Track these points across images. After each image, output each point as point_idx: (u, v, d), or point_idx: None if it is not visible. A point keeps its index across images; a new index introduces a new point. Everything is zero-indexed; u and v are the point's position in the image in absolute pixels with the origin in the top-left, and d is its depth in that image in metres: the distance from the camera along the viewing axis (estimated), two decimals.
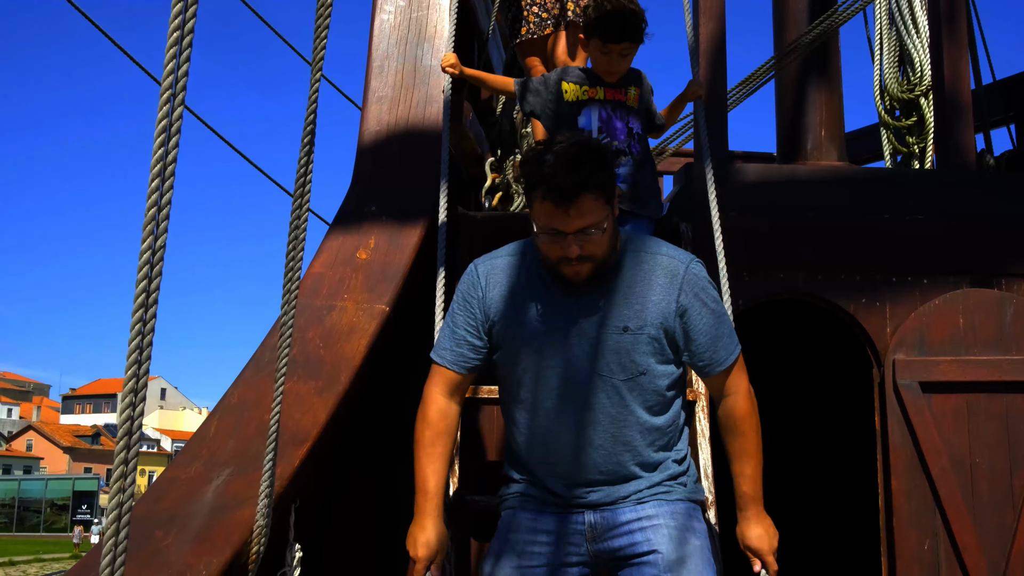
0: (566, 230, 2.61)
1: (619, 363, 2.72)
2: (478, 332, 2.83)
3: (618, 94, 4.00)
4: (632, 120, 4.01)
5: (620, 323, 2.72)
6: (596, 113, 3.97)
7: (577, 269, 2.68)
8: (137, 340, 1.99)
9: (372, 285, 3.82)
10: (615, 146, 3.95)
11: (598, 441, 2.73)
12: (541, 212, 2.62)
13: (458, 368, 2.85)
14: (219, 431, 3.29)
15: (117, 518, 2.07)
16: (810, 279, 4.54)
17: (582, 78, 4.02)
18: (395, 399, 4.16)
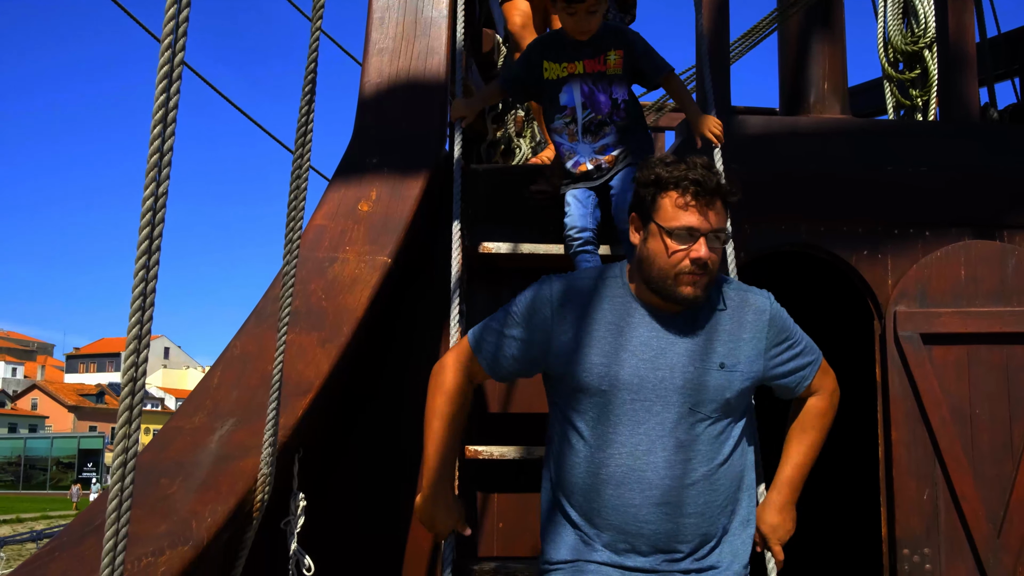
0: (703, 228, 2.54)
1: (713, 401, 2.63)
2: (528, 352, 2.72)
3: (597, 64, 3.92)
4: (616, 88, 3.93)
5: (716, 359, 2.63)
6: (578, 89, 3.93)
7: (698, 280, 2.57)
8: (141, 279, 2.00)
9: (374, 237, 3.82)
10: (598, 120, 3.92)
11: (690, 479, 2.60)
12: (674, 210, 2.54)
13: (489, 369, 2.79)
14: (222, 382, 3.31)
15: (123, 464, 2.08)
16: (812, 231, 4.54)
17: (559, 52, 3.95)
18: (397, 349, 4.18)
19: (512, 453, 3.71)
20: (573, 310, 2.68)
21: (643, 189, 2.62)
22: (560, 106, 3.96)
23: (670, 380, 2.60)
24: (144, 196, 2.06)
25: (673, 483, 2.58)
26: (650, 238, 2.60)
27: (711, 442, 2.63)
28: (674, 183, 2.55)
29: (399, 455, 4.10)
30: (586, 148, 3.93)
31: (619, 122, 3.92)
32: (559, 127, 3.97)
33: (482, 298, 4.23)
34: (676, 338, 2.64)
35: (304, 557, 3.19)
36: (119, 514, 2.09)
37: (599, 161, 3.93)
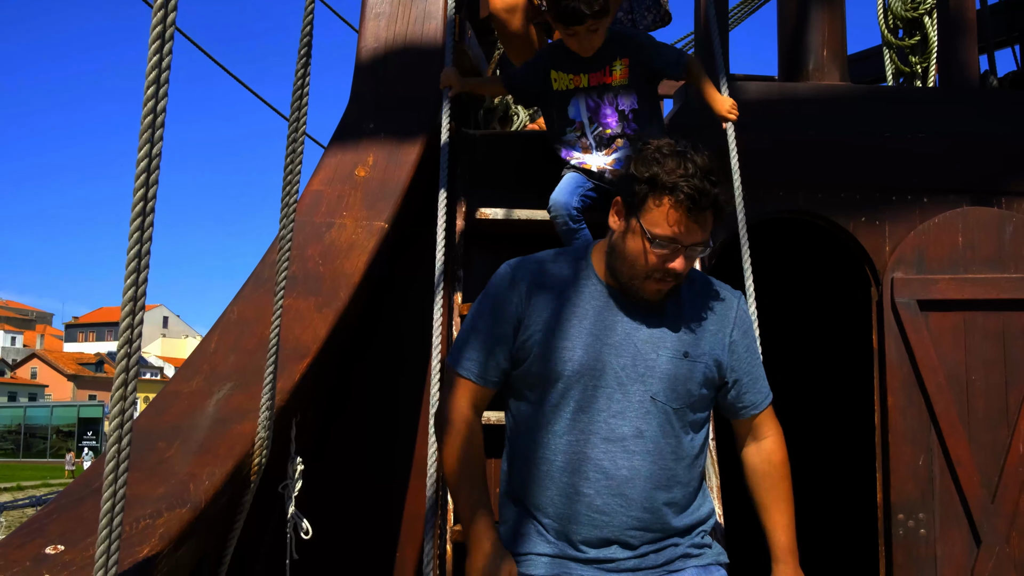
0: (686, 241, 2.44)
1: (675, 390, 2.53)
2: (509, 342, 2.56)
3: (602, 77, 3.86)
4: (622, 99, 3.87)
5: (680, 348, 2.55)
6: (583, 104, 3.88)
7: (662, 287, 2.50)
8: (137, 231, 2.00)
9: (371, 202, 3.82)
10: (608, 134, 3.86)
11: (646, 471, 2.50)
12: (663, 218, 2.42)
13: (484, 382, 2.59)
14: (220, 347, 3.31)
15: (120, 425, 2.09)
16: (810, 197, 4.53)
17: (565, 63, 3.88)
18: (393, 315, 4.19)
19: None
20: (539, 293, 2.57)
21: (636, 182, 2.46)
22: (568, 119, 3.91)
23: (631, 367, 2.51)
24: (138, 158, 2.05)
25: (631, 474, 2.48)
26: (629, 234, 2.48)
27: (672, 435, 2.54)
28: (670, 189, 2.40)
29: (395, 419, 4.12)
30: (598, 159, 3.90)
31: (630, 134, 3.86)
32: (571, 140, 3.93)
33: (480, 263, 4.23)
34: (640, 325, 2.55)
35: (302, 520, 3.21)
36: (116, 476, 2.10)
37: (606, 170, 3.88)
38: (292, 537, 3.22)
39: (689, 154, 2.44)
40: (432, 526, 3.31)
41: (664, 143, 2.47)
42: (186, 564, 2.73)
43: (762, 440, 2.73)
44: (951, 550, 4.31)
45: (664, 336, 2.55)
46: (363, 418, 4.11)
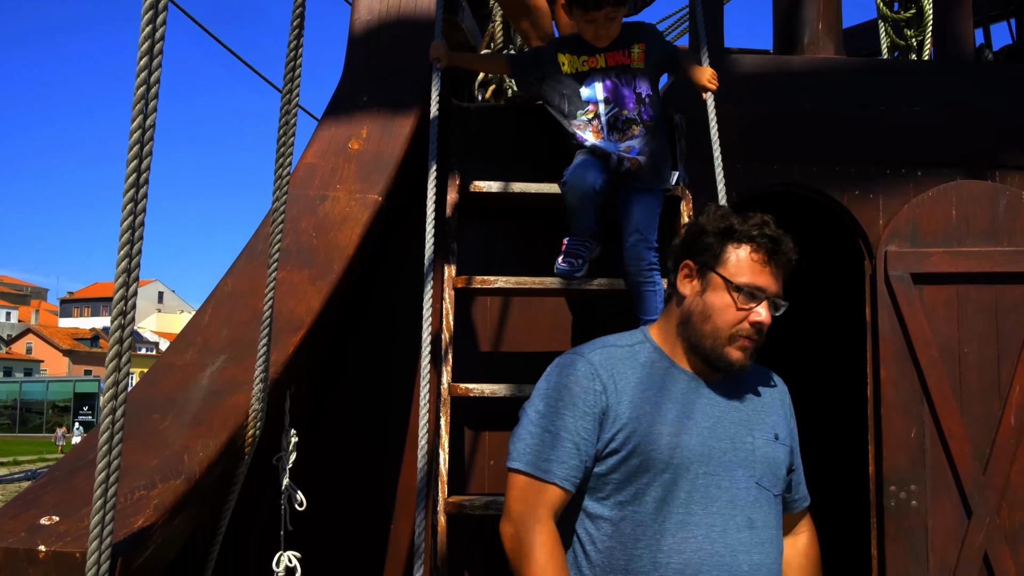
0: (769, 291, 2.37)
1: (774, 474, 2.41)
2: (594, 438, 2.31)
3: (621, 57, 3.82)
4: (640, 83, 3.85)
5: (770, 430, 2.43)
6: (600, 84, 3.82)
7: (748, 346, 2.37)
8: (130, 201, 2.00)
9: (365, 175, 3.81)
10: (625, 116, 3.81)
11: (765, 565, 2.32)
12: (746, 266, 2.35)
13: (569, 485, 2.30)
14: (213, 319, 3.32)
15: (114, 396, 2.10)
16: (804, 170, 4.53)
17: (578, 47, 3.84)
18: (386, 287, 4.19)
19: (503, 391, 3.73)
20: (621, 381, 2.35)
21: (709, 236, 2.38)
22: (582, 102, 3.84)
23: (732, 452, 2.34)
24: (131, 130, 2.05)
25: (750, 570, 2.29)
26: (710, 291, 2.36)
27: (774, 523, 2.40)
28: (749, 237, 2.35)
29: (388, 391, 4.13)
30: (611, 146, 3.83)
31: (647, 121, 3.83)
32: (581, 124, 3.85)
33: (474, 237, 4.23)
34: (726, 406, 2.40)
35: (296, 492, 3.23)
36: (110, 447, 2.11)
37: (623, 158, 3.81)
38: (286, 509, 3.23)
39: (758, 214, 2.42)
40: (425, 498, 3.32)
41: (723, 206, 2.49)
42: (181, 535, 2.74)
43: (799, 535, 2.63)
44: (942, 521, 4.34)
45: (751, 417, 2.43)
46: (356, 391, 4.12)
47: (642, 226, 3.82)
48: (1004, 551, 4.29)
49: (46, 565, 2.23)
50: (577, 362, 2.38)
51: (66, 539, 2.29)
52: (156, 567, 2.60)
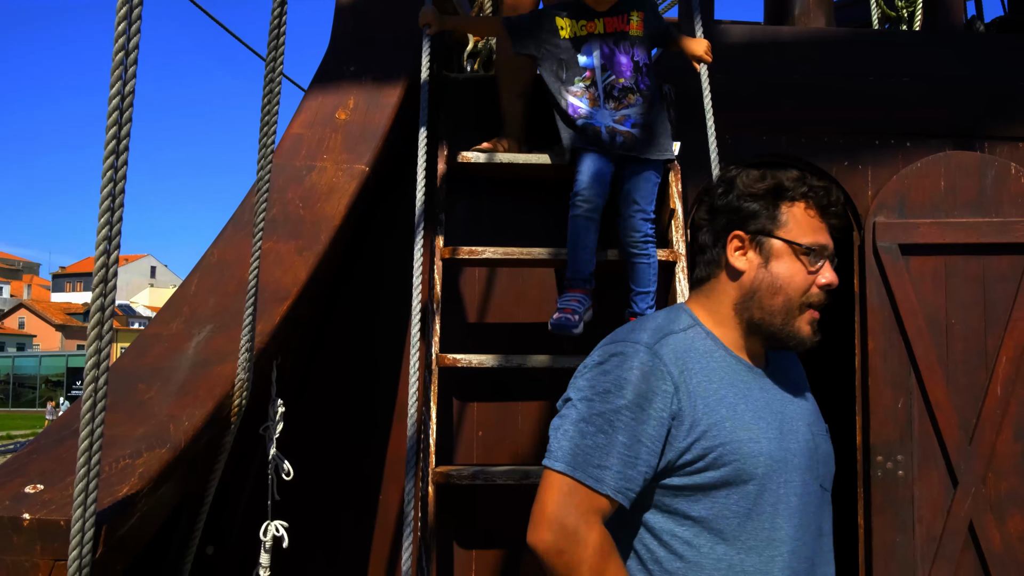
0: (830, 245, 2.13)
1: (830, 473, 2.19)
2: (659, 448, 1.95)
3: (619, 23, 3.78)
4: (638, 51, 3.81)
5: (820, 420, 2.21)
6: (597, 50, 3.78)
7: (817, 316, 2.14)
8: (110, 170, 1.99)
9: (352, 145, 3.80)
10: (621, 84, 3.77)
11: (831, 573, 2.13)
12: (806, 224, 2.10)
13: (624, 499, 1.94)
14: (199, 289, 3.31)
15: (96, 364, 2.10)
16: (793, 141, 4.52)
17: (577, 10, 3.79)
18: (374, 258, 4.18)
19: (491, 361, 3.73)
20: (691, 375, 2.01)
21: (754, 201, 2.11)
22: (579, 67, 3.80)
23: (800, 453, 2.07)
24: (110, 95, 2.04)
25: None
26: (774, 260, 2.09)
27: (832, 528, 2.17)
28: (801, 194, 2.10)
29: (374, 362, 4.13)
30: (606, 115, 3.78)
31: (644, 91, 3.80)
32: (578, 91, 3.80)
33: (462, 208, 4.22)
34: (784, 398, 2.14)
35: (283, 462, 3.24)
36: (93, 415, 2.11)
37: (615, 133, 3.78)
38: (273, 478, 3.24)
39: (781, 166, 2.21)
40: (414, 468, 3.33)
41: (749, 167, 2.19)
42: (167, 504, 2.75)
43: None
44: (928, 491, 4.36)
45: (804, 408, 2.19)
46: (342, 361, 4.12)
47: (640, 198, 3.81)
48: (989, 520, 4.32)
49: (30, 533, 2.24)
50: (640, 354, 1.98)
51: (50, 507, 2.30)
52: (142, 536, 2.61)
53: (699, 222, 2.21)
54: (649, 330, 2.05)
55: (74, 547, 2.11)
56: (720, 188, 2.18)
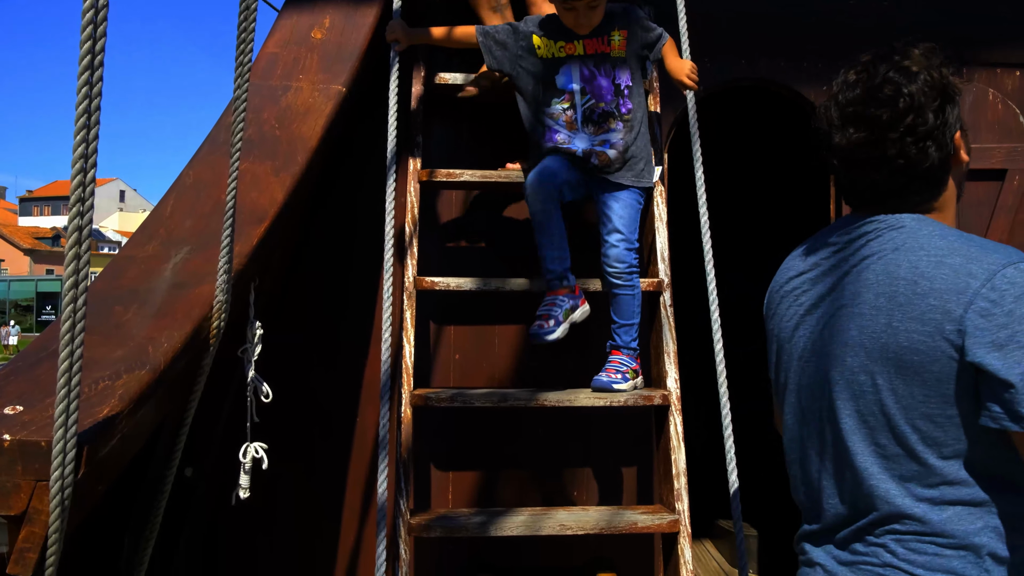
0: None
1: None
2: None
3: (600, 45, 3.61)
4: (620, 73, 3.64)
5: None
6: (577, 72, 3.62)
7: None
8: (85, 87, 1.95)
9: (328, 65, 3.74)
10: (601, 109, 3.61)
11: None
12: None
13: None
14: (175, 210, 3.28)
15: (75, 284, 2.07)
16: (772, 65, 4.49)
17: (556, 30, 3.62)
18: (351, 180, 4.15)
19: (468, 284, 3.73)
20: None
21: (950, 100, 1.90)
22: (557, 89, 3.64)
23: None
24: (84, 8, 1.99)
25: None
26: (962, 159, 1.97)
27: None
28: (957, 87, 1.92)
29: (350, 283, 4.12)
30: (584, 139, 3.63)
31: (626, 115, 3.63)
32: (555, 112, 3.64)
33: (440, 131, 4.18)
34: None
35: (262, 384, 3.24)
36: (72, 336, 2.10)
37: (592, 153, 3.63)
38: (252, 401, 3.25)
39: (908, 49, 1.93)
40: (389, 390, 3.34)
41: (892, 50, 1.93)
42: (147, 426, 2.75)
43: None
44: None
45: None
46: (319, 283, 4.11)
47: (623, 226, 3.64)
48: None
49: (11, 454, 2.23)
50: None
51: (31, 428, 2.29)
52: (122, 457, 2.61)
53: (901, 132, 1.86)
54: (1003, 247, 1.82)
55: (56, 467, 2.10)
56: (918, 87, 1.88)
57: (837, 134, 1.93)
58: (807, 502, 1.98)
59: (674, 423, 3.59)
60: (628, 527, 3.45)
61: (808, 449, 1.96)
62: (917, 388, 1.76)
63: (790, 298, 2.05)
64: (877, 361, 1.79)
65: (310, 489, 4.06)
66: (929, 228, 1.85)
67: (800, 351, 1.98)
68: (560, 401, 3.54)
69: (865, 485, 1.81)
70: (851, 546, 1.86)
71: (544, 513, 3.57)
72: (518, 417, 4.05)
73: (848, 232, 1.95)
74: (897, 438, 1.78)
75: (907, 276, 1.79)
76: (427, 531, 3.40)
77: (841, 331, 1.87)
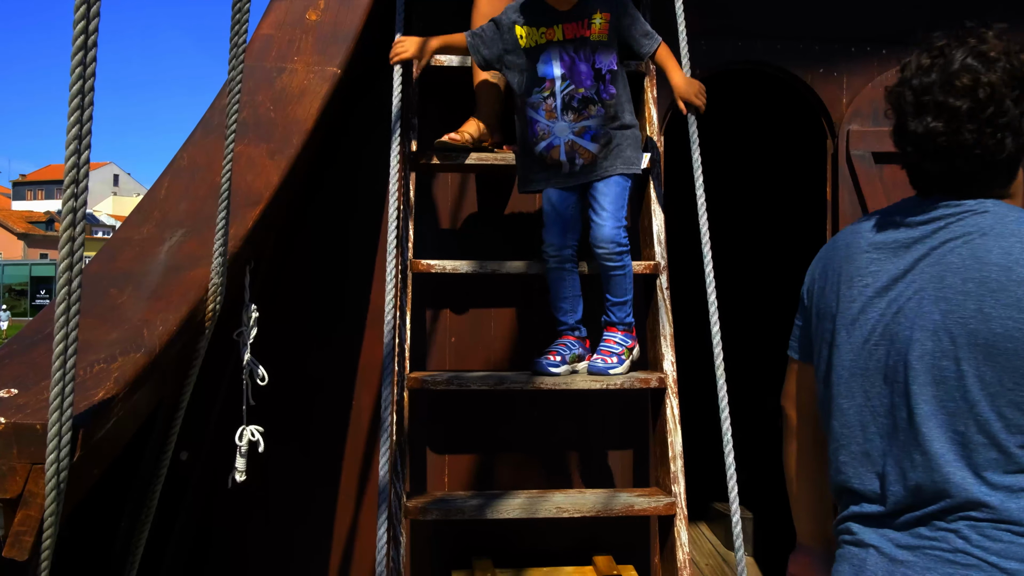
0: None
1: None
2: None
3: (580, 29, 3.51)
4: (600, 57, 3.53)
5: None
6: (557, 58, 3.52)
7: None
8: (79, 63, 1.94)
9: (323, 47, 3.71)
10: (581, 95, 3.52)
11: None
12: None
13: None
14: (170, 193, 3.26)
15: (69, 267, 2.06)
16: (768, 47, 4.47)
17: (537, 17, 3.53)
18: (347, 163, 4.14)
19: (465, 267, 3.72)
20: None
21: None
22: (539, 78, 3.56)
23: None
24: (76, 5, 1.97)
25: None
26: None
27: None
28: None
29: (345, 267, 4.11)
30: (564, 128, 3.55)
31: (607, 100, 3.54)
32: (536, 101, 3.57)
33: (434, 112, 4.16)
34: None
35: (258, 367, 3.23)
36: (68, 318, 2.08)
37: (575, 150, 3.56)
38: (248, 384, 3.24)
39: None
40: (391, 372, 3.33)
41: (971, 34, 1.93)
42: (142, 409, 2.74)
43: None
44: None
45: None
46: (315, 266, 4.11)
47: (610, 205, 3.58)
48: None
49: (7, 437, 2.22)
50: None
51: (26, 411, 2.27)
52: (118, 440, 2.60)
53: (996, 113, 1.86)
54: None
55: (51, 450, 2.09)
56: (1006, 73, 1.89)
57: (912, 121, 1.92)
58: (862, 485, 1.95)
59: (671, 406, 3.59)
60: (624, 509, 3.46)
61: (870, 433, 1.93)
62: (1008, 375, 1.75)
63: (853, 279, 2.01)
64: (964, 347, 1.78)
65: (306, 472, 4.06)
66: (1016, 214, 1.84)
67: (867, 333, 1.94)
68: (556, 384, 3.54)
69: (939, 472, 1.79)
70: (915, 530, 1.84)
71: (540, 496, 3.57)
72: (514, 400, 4.05)
73: (922, 214, 1.93)
74: (979, 425, 1.77)
75: (1000, 262, 1.78)
76: (424, 514, 3.40)
77: (921, 315, 1.84)
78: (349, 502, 4.06)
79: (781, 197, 6.79)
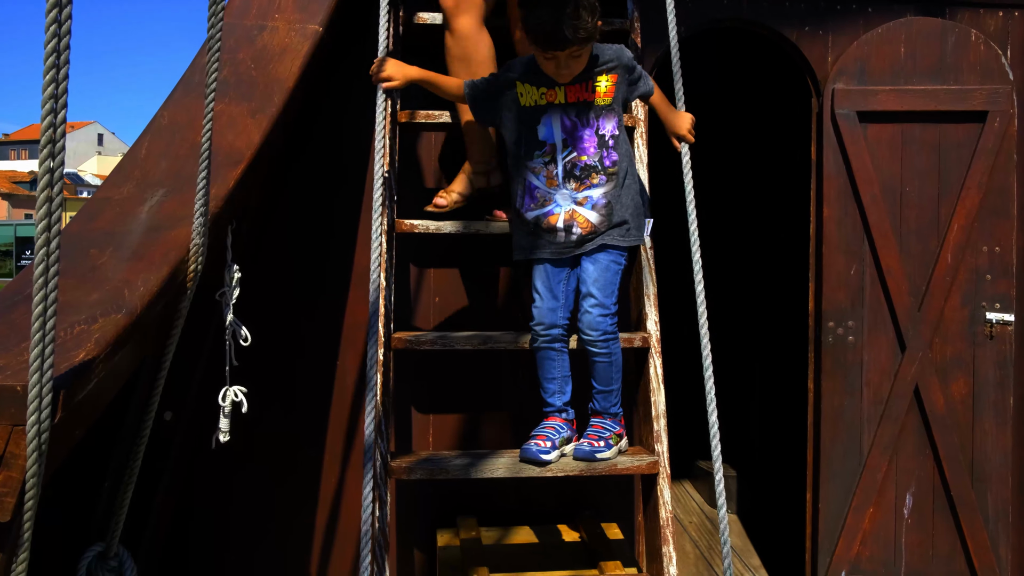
0: None
1: None
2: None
3: (583, 92, 3.27)
4: (604, 122, 3.29)
5: None
6: (558, 123, 3.27)
7: None
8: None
9: (304, 4, 3.67)
10: (583, 163, 3.27)
11: None
12: None
13: None
14: (150, 152, 3.23)
15: (47, 228, 2.05)
16: (753, 5, 4.45)
17: (539, 75, 3.29)
18: (329, 121, 4.11)
19: (449, 227, 3.70)
20: None
21: None
22: (538, 141, 3.30)
23: None
24: None
25: None
26: None
27: None
28: None
29: (328, 226, 4.10)
30: (567, 196, 3.29)
31: (610, 167, 3.29)
32: (536, 167, 3.30)
33: None
34: None
35: (240, 328, 3.22)
36: (47, 279, 2.07)
37: (574, 219, 3.30)
38: (231, 344, 3.23)
39: None
40: (376, 332, 3.32)
41: None
42: (124, 370, 2.73)
43: None
44: (877, 355, 4.46)
45: None
46: (297, 227, 4.09)
47: (598, 290, 3.34)
48: (934, 383, 4.44)
49: None
50: None
51: (6, 373, 2.26)
52: (99, 401, 2.60)
53: None
54: None
55: (32, 412, 2.09)
56: None
57: None
58: None
59: (654, 365, 3.59)
60: (608, 469, 3.47)
61: None
62: None
63: None
64: None
65: (289, 433, 4.06)
66: None
67: None
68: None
69: None
70: None
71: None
72: (499, 360, 4.05)
73: None
74: None
75: None
76: (408, 473, 3.40)
77: None
78: (334, 462, 4.07)
79: (765, 157, 6.78)
